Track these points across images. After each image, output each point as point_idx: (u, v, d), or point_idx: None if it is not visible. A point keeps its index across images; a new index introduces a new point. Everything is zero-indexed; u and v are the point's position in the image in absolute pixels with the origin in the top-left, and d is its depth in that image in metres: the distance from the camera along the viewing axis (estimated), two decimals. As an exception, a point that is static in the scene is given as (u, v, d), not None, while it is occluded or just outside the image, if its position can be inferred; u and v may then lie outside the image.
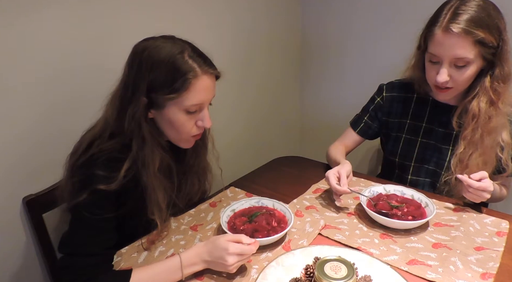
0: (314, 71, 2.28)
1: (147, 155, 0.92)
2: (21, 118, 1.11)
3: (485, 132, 1.09)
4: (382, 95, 1.33)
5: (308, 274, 0.84)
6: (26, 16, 1.05)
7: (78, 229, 0.89)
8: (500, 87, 1.06)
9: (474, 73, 1.06)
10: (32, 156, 1.14)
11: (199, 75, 0.89)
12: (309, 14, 2.15)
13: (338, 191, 1.10)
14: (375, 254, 0.93)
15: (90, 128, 0.98)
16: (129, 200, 0.95)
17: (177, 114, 0.91)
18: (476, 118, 1.09)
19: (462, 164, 1.13)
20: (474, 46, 1.00)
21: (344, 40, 2.08)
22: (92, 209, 0.87)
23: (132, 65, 0.90)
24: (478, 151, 1.11)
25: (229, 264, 0.82)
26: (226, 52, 1.73)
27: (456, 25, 0.99)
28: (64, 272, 0.84)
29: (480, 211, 1.10)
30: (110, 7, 1.25)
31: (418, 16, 1.08)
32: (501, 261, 0.90)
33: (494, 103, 1.07)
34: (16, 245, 1.16)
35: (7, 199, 1.11)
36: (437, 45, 1.04)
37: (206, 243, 0.87)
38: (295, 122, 2.44)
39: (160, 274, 0.84)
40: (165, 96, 0.88)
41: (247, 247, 0.84)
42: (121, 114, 0.90)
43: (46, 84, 1.14)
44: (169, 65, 0.87)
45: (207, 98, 0.94)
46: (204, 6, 1.57)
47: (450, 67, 1.05)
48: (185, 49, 0.89)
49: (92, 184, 0.87)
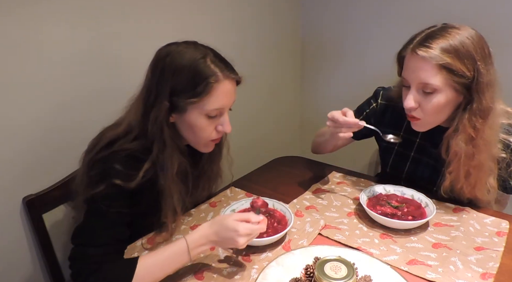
0: (314, 72, 2.28)
1: (167, 159, 0.93)
2: (21, 119, 1.11)
3: (471, 168, 1.04)
4: (377, 102, 1.28)
5: (308, 274, 0.84)
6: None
7: (91, 220, 0.89)
8: (479, 123, 0.98)
9: (444, 104, 0.99)
10: (32, 155, 1.14)
11: (221, 80, 0.90)
12: (309, 14, 2.16)
13: (349, 123, 1.03)
14: (375, 254, 0.93)
15: (111, 127, 0.98)
16: (143, 200, 0.96)
17: (198, 119, 0.92)
18: (458, 157, 1.03)
19: (454, 192, 1.10)
20: (440, 73, 0.95)
21: (345, 41, 2.08)
22: (108, 201, 0.88)
23: (155, 70, 0.92)
24: (467, 183, 1.06)
25: (239, 243, 0.83)
26: (227, 52, 1.73)
27: (422, 48, 0.95)
28: (73, 263, 0.84)
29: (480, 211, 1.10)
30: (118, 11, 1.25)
31: (417, 17, 1.07)
32: (501, 261, 0.90)
33: (473, 140, 1.00)
34: (16, 245, 1.16)
35: (7, 199, 1.11)
36: (405, 68, 1.01)
37: (211, 224, 0.86)
38: (296, 122, 2.44)
39: (168, 258, 0.84)
40: (187, 100, 0.89)
41: (257, 227, 0.85)
42: (144, 118, 0.92)
43: (46, 85, 1.14)
44: (192, 70, 0.88)
45: (228, 103, 0.95)
46: (206, 6, 1.58)
47: (418, 94, 1.00)
48: (207, 54, 0.91)
49: (110, 177, 0.88)
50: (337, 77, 2.19)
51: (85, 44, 1.21)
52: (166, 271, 0.84)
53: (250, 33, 1.86)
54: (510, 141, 1.05)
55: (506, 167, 1.06)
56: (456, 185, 1.07)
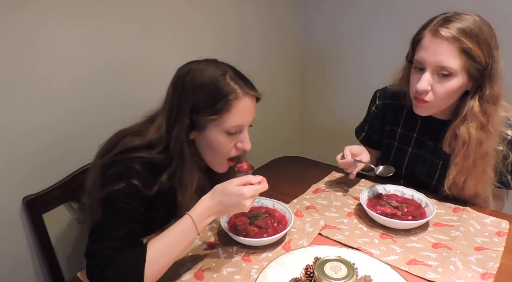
0: (314, 73, 2.28)
1: (186, 176, 0.94)
2: (21, 119, 1.11)
3: (477, 158, 1.05)
4: (376, 104, 1.30)
5: (308, 274, 0.84)
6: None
7: (108, 216, 0.87)
8: (490, 109, 1.01)
9: (456, 89, 1.00)
10: (32, 155, 1.14)
11: (240, 97, 0.91)
12: (309, 17, 2.16)
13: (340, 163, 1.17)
14: (375, 254, 0.93)
15: (130, 134, 0.96)
16: (155, 209, 0.96)
17: (217, 136, 0.93)
18: (467, 145, 1.04)
19: (457, 187, 1.10)
20: (460, 56, 0.96)
21: (344, 43, 2.08)
22: (126, 198, 0.87)
23: (175, 88, 0.93)
24: (472, 175, 1.07)
25: (246, 207, 0.84)
26: (228, 54, 1.73)
27: (446, 30, 0.96)
28: (88, 258, 0.82)
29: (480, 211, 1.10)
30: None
31: (418, 21, 1.07)
32: (501, 261, 0.90)
33: (484, 127, 1.02)
34: (16, 245, 1.16)
35: (7, 199, 1.11)
36: (423, 50, 1.00)
37: (212, 195, 0.86)
38: (296, 122, 2.44)
39: (176, 237, 0.83)
40: (206, 118, 0.90)
41: (260, 186, 0.87)
42: (168, 134, 0.92)
43: (46, 85, 1.14)
44: (211, 87, 0.90)
45: (248, 120, 0.96)
46: (206, 8, 1.58)
47: (433, 77, 1.00)
48: (227, 72, 0.92)
49: (130, 176, 0.88)
50: (336, 77, 2.19)
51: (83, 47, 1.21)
52: (176, 251, 0.83)
53: (251, 34, 1.87)
54: (507, 134, 1.07)
55: (503, 159, 1.08)
56: (460, 178, 1.08)
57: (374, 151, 1.37)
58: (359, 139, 1.40)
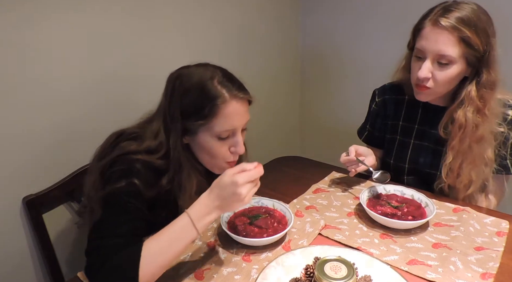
0: (314, 73, 2.28)
1: (185, 180, 0.93)
2: (21, 119, 1.11)
3: (473, 141, 1.08)
4: (375, 101, 1.34)
5: (308, 274, 0.84)
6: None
7: (109, 214, 0.85)
8: (487, 94, 1.05)
9: (456, 76, 1.05)
10: (32, 156, 1.15)
11: (228, 101, 0.89)
12: (309, 18, 2.16)
13: (342, 159, 1.19)
14: (375, 254, 0.93)
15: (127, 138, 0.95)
16: (158, 212, 0.95)
17: (209, 141, 0.92)
18: (463, 129, 1.07)
19: (453, 173, 1.12)
20: (459, 45, 1.00)
21: (344, 43, 2.08)
22: (127, 197, 0.86)
23: (166, 93, 0.93)
24: (468, 160, 1.10)
25: (243, 195, 0.79)
26: (228, 55, 1.74)
27: (445, 20, 1.00)
28: (88, 256, 0.80)
29: (480, 211, 1.10)
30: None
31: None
32: (501, 261, 0.90)
33: (480, 111, 1.06)
34: (16, 245, 1.16)
35: (7, 199, 1.11)
36: (423, 39, 1.05)
37: (209, 191, 0.83)
38: (295, 122, 2.44)
39: (173, 238, 0.79)
40: (196, 123, 0.90)
41: (254, 171, 0.81)
42: (167, 142, 0.92)
43: (46, 87, 1.14)
44: (198, 92, 0.89)
45: (239, 123, 0.93)
46: (206, 10, 1.58)
47: (433, 65, 1.05)
48: (215, 75, 0.91)
49: (131, 175, 0.87)
50: (336, 77, 2.19)
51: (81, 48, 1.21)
52: (174, 250, 0.79)
53: (251, 35, 1.87)
54: (507, 114, 1.11)
55: (505, 141, 1.11)
56: (456, 162, 1.11)
57: (378, 150, 1.38)
58: (361, 139, 1.41)
